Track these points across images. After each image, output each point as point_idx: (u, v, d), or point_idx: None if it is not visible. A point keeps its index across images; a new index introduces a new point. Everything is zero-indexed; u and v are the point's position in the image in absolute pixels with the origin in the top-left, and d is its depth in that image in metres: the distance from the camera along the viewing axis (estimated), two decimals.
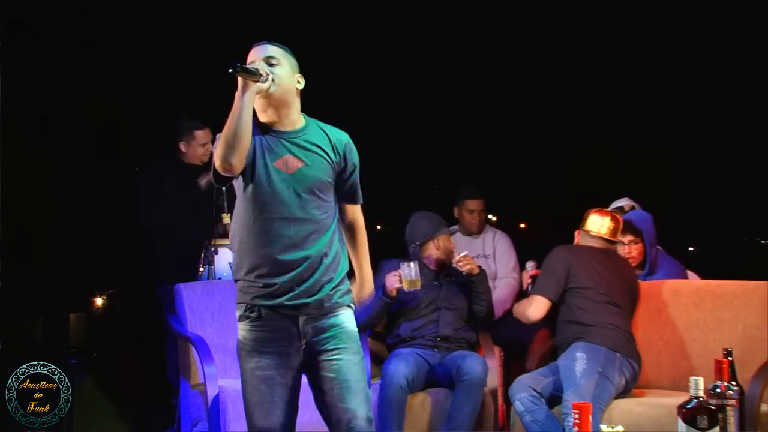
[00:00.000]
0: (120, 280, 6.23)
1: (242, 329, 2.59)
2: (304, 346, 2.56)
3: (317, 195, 2.56)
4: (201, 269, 4.30)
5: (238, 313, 2.61)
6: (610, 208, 4.75)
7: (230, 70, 2.39)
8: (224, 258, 4.29)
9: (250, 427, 2.56)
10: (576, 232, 3.86)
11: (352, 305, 2.66)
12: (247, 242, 2.54)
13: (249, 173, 2.52)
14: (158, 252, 4.58)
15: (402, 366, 3.71)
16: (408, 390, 3.70)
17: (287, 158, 2.54)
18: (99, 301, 6.24)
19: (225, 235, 4.40)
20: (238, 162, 2.43)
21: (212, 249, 4.27)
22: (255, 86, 2.45)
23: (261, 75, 2.46)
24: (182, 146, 4.60)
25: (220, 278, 4.26)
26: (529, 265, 3.92)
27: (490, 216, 8.29)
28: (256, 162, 2.52)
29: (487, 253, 4.84)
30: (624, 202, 4.70)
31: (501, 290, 4.75)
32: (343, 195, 2.69)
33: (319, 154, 2.58)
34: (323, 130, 2.63)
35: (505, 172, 7.91)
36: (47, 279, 5.29)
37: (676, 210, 4.27)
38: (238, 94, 2.43)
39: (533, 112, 7.16)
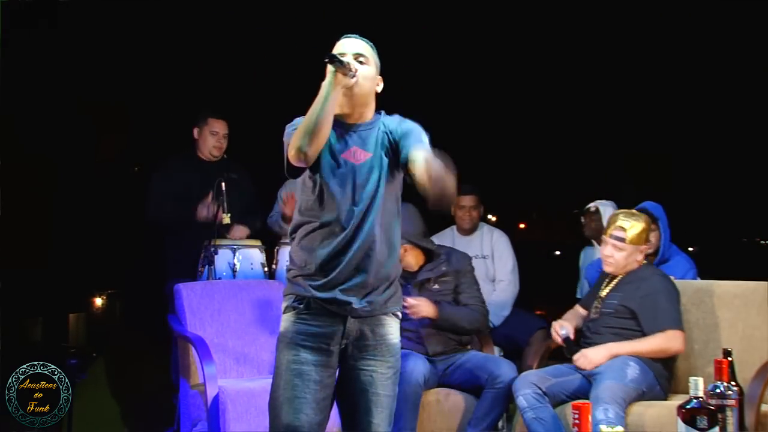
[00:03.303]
0: (120, 280, 6.23)
1: (286, 320, 2.53)
2: (343, 346, 2.51)
3: (381, 188, 2.50)
4: (201, 269, 4.30)
5: (284, 304, 2.55)
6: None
7: (325, 59, 2.37)
8: (224, 258, 4.29)
9: (274, 422, 2.47)
10: (618, 242, 3.61)
11: (399, 314, 2.60)
12: (310, 233, 2.50)
13: (317, 164, 2.48)
14: (168, 249, 4.60)
15: (420, 364, 3.66)
16: (423, 387, 3.67)
17: (355, 149, 2.51)
18: (98, 301, 6.23)
19: (224, 236, 4.41)
20: (314, 153, 2.39)
21: (212, 249, 4.27)
22: (343, 80, 2.41)
23: (351, 70, 2.42)
24: (195, 132, 4.66)
25: (219, 278, 4.26)
26: (564, 331, 3.66)
27: (489, 216, 8.32)
28: (324, 152, 2.48)
29: (486, 254, 4.83)
30: (591, 204, 4.73)
31: (501, 293, 4.75)
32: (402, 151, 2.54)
33: (384, 148, 2.53)
34: (385, 124, 2.58)
35: (505, 172, 7.90)
36: (47, 279, 5.28)
37: (676, 210, 4.26)
38: (325, 83, 2.40)
39: (533, 112, 7.16)
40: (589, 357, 3.48)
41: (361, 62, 2.50)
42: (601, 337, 3.56)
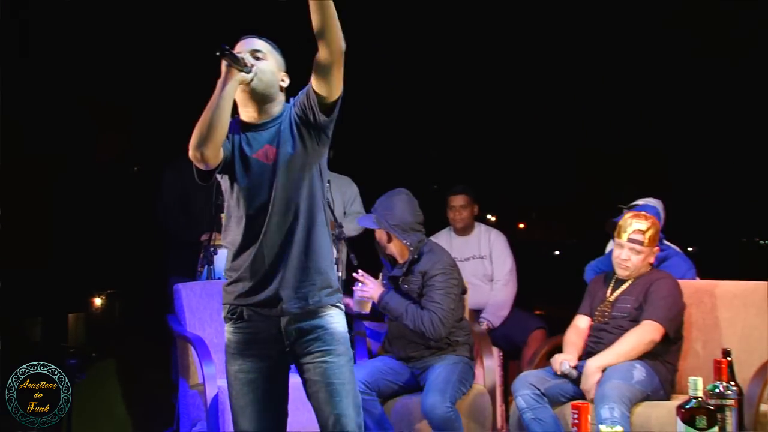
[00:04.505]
0: (120, 280, 6.23)
1: (227, 331, 2.54)
2: (287, 349, 2.50)
3: (300, 182, 2.47)
4: (200, 269, 4.30)
5: (222, 314, 2.56)
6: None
7: (217, 53, 2.36)
8: (223, 258, 4.27)
9: (235, 430, 2.52)
10: (636, 246, 3.56)
11: (339, 305, 2.58)
12: (234, 239, 2.50)
13: (232, 169, 2.47)
14: (173, 247, 4.62)
15: (357, 372, 3.60)
16: (370, 392, 3.59)
17: (267, 148, 2.49)
18: (98, 301, 6.24)
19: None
20: (211, 153, 2.37)
21: (211, 249, 4.28)
22: (238, 75, 2.40)
23: (246, 65, 2.42)
24: None
25: (219, 278, 4.26)
26: (566, 366, 3.50)
27: (489, 216, 8.32)
28: (235, 157, 2.47)
29: (483, 254, 4.83)
30: (641, 201, 4.69)
31: (499, 293, 4.75)
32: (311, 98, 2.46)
33: (294, 136, 2.49)
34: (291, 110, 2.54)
35: (505, 172, 7.90)
36: (47, 279, 5.28)
37: (675, 210, 4.26)
38: (220, 81, 2.40)
39: (532, 111, 7.16)
40: (587, 387, 3.39)
41: (258, 58, 2.49)
42: (615, 337, 3.52)
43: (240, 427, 2.50)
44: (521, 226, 11.12)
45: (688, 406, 2.37)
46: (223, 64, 2.42)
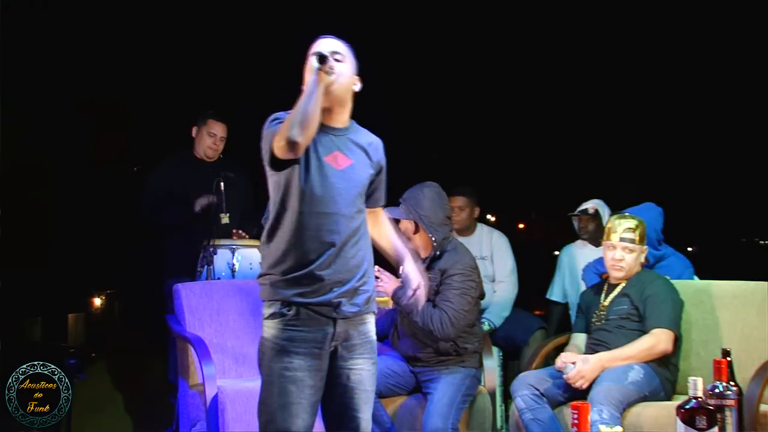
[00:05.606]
0: (119, 280, 6.23)
1: (272, 327, 2.51)
2: (332, 349, 2.54)
3: (359, 195, 2.57)
4: (200, 269, 4.30)
5: (269, 311, 2.53)
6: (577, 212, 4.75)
7: (313, 54, 2.43)
8: (223, 258, 4.29)
9: (266, 428, 2.49)
10: (629, 244, 3.57)
11: (375, 312, 2.66)
12: (291, 236, 2.49)
13: (301, 164, 2.48)
14: (167, 249, 4.61)
15: None
16: (374, 396, 3.59)
17: (336, 154, 2.53)
18: (98, 301, 6.24)
19: (224, 235, 4.41)
20: (305, 143, 2.39)
21: (211, 249, 4.27)
22: (325, 78, 2.44)
23: (332, 68, 2.46)
24: (194, 131, 4.67)
25: (218, 278, 4.26)
26: (570, 368, 3.46)
27: (489, 216, 8.32)
28: (309, 153, 2.49)
29: (485, 255, 4.82)
30: (589, 205, 4.69)
31: (501, 293, 4.74)
32: (368, 197, 2.68)
33: (363, 155, 2.59)
34: (370, 143, 2.64)
35: (504, 172, 7.91)
36: (46, 279, 5.29)
37: (675, 210, 4.27)
38: (311, 80, 2.42)
39: (532, 111, 7.17)
40: (583, 373, 3.39)
41: (337, 60, 2.52)
42: (615, 336, 3.52)
43: (279, 424, 2.46)
44: (521, 226, 11.12)
45: (688, 406, 2.37)
46: (312, 62, 2.44)
